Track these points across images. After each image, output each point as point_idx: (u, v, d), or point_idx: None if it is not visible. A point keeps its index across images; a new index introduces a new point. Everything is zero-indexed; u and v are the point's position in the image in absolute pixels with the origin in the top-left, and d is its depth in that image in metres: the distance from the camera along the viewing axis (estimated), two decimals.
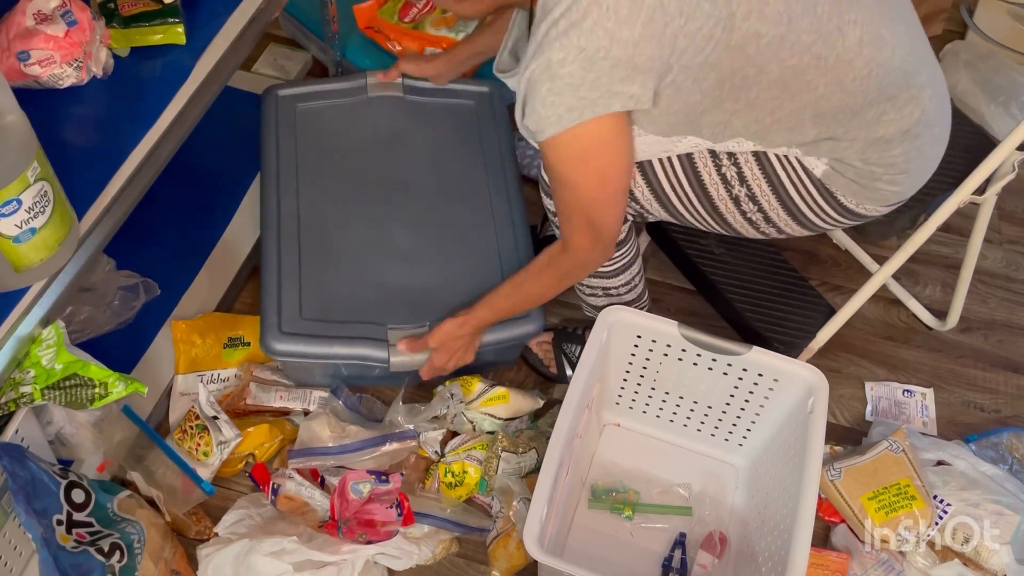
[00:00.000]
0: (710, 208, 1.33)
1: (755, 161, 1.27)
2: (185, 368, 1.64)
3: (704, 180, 1.30)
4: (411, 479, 1.51)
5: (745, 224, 1.35)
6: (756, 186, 1.28)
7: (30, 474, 1.22)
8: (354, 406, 1.61)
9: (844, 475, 1.50)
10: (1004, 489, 1.49)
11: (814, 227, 1.35)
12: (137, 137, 1.32)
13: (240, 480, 1.54)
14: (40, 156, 1.09)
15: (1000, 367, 1.79)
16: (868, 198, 1.28)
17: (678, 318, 1.41)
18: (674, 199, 1.34)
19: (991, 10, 2.34)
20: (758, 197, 1.30)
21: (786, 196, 1.29)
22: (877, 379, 1.75)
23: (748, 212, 1.32)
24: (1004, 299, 1.91)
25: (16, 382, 1.23)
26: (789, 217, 1.32)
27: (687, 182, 1.31)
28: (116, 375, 1.27)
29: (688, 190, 1.32)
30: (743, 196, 1.30)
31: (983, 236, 1.64)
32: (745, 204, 1.31)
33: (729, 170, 1.28)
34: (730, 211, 1.33)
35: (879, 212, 1.32)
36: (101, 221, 1.25)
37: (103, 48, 1.37)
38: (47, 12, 1.32)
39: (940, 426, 1.69)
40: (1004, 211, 2.03)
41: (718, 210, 1.33)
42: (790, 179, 1.27)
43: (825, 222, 1.33)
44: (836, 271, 1.92)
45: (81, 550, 1.23)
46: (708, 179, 1.30)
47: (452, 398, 1.55)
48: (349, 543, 1.37)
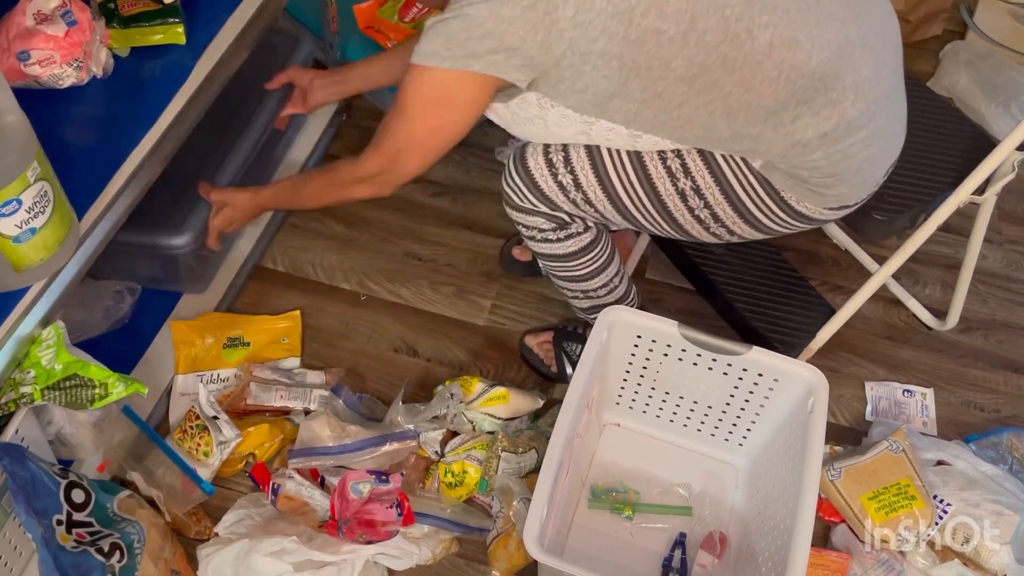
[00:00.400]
0: (657, 203, 1.33)
1: (698, 153, 1.28)
2: (185, 368, 1.64)
3: (651, 172, 1.30)
4: (411, 479, 1.51)
5: (695, 223, 1.35)
6: (701, 179, 1.29)
7: (30, 474, 1.21)
8: (354, 406, 1.61)
9: (844, 475, 1.50)
10: (1004, 489, 1.49)
11: (764, 227, 1.34)
12: (137, 137, 1.33)
13: (240, 480, 1.54)
14: (40, 156, 1.09)
15: (1000, 367, 1.79)
16: (808, 198, 1.28)
17: (678, 318, 1.41)
18: (623, 196, 1.34)
19: (991, 10, 2.34)
20: (703, 191, 1.30)
21: (730, 190, 1.29)
22: (877, 379, 1.75)
23: (696, 209, 1.32)
24: (1004, 299, 1.91)
25: (16, 382, 1.23)
26: (736, 215, 1.32)
27: (635, 176, 1.31)
28: (116, 375, 1.27)
29: (636, 185, 1.32)
30: (688, 190, 1.30)
31: (983, 236, 1.64)
32: (692, 200, 1.31)
33: (674, 162, 1.29)
34: (678, 208, 1.33)
35: (825, 215, 1.32)
36: (101, 221, 1.25)
37: (103, 48, 1.38)
38: (47, 12, 1.32)
39: (940, 426, 1.69)
40: (1004, 211, 2.03)
41: (666, 206, 1.33)
42: (733, 173, 1.28)
43: (774, 222, 1.33)
44: (836, 271, 1.92)
45: (81, 550, 1.23)
46: (654, 171, 1.30)
47: (452, 398, 1.55)
48: (349, 543, 1.37)
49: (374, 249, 1.91)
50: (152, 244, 1.57)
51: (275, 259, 1.88)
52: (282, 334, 1.72)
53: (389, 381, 1.70)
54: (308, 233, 1.93)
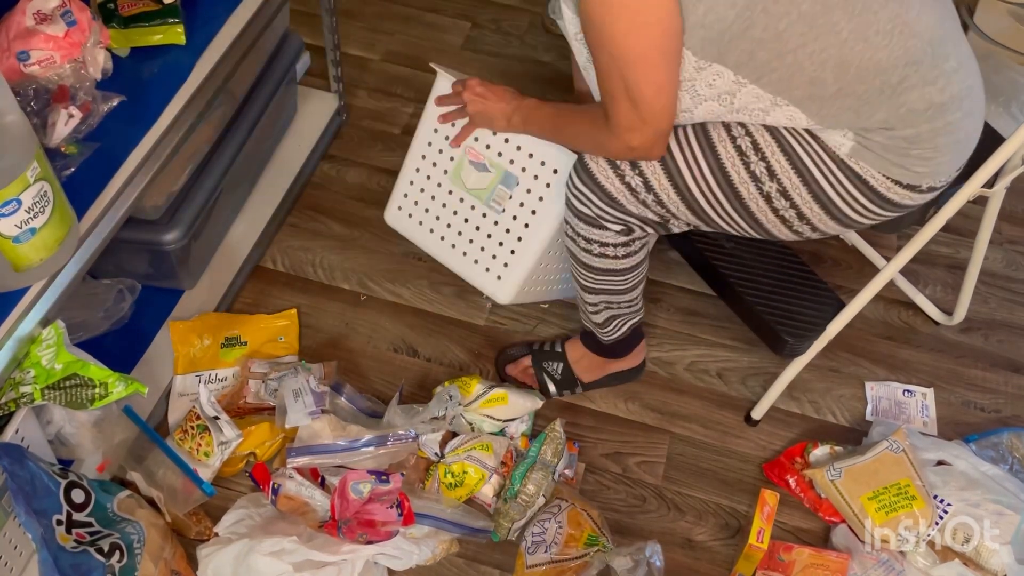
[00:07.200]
0: (731, 194, 1.30)
1: (769, 135, 1.25)
2: (183, 369, 1.64)
3: (720, 155, 1.27)
4: (411, 479, 1.51)
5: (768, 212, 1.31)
6: (776, 163, 1.26)
7: (30, 474, 1.21)
8: (355, 405, 1.61)
9: (844, 475, 1.50)
10: (1004, 489, 1.49)
11: (848, 220, 1.31)
12: (137, 137, 1.33)
13: (240, 480, 1.54)
14: (40, 156, 1.09)
15: (1000, 367, 1.79)
16: (900, 178, 1.25)
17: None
18: (692, 186, 1.30)
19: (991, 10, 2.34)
20: (779, 174, 1.27)
21: (811, 178, 1.26)
22: (877, 379, 1.75)
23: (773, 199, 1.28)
24: (1004, 299, 1.91)
25: (16, 382, 1.23)
26: (813, 200, 1.28)
27: (704, 160, 1.28)
28: (116, 375, 1.27)
29: (706, 171, 1.29)
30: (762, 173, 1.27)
31: (992, 229, 1.64)
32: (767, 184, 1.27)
33: (744, 140, 1.26)
34: (751, 196, 1.29)
35: (912, 200, 1.29)
36: (101, 221, 1.25)
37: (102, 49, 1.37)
38: (47, 12, 1.32)
39: (940, 426, 1.69)
40: (1004, 211, 2.02)
41: (741, 198, 1.29)
42: (813, 161, 1.25)
43: (858, 212, 1.30)
44: (837, 271, 1.91)
45: (81, 550, 1.23)
46: (724, 153, 1.27)
47: (451, 400, 1.55)
48: (349, 543, 1.37)
49: (374, 249, 1.91)
50: (143, 240, 1.57)
51: (275, 259, 1.88)
52: (279, 333, 1.72)
53: (389, 381, 1.70)
54: (308, 233, 1.93)
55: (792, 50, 1.15)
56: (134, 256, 1.64)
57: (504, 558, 1.49)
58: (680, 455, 1.65)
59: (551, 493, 1.49)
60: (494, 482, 1.51)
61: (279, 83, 1.83)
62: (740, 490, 1.60)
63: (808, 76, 1.18)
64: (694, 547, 1.54)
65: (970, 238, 1.76)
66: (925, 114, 1.20)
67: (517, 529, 1.48)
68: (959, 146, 1.27)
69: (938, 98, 1.20)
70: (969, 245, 1.75)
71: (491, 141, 1.53)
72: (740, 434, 1.68)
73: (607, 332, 1.57)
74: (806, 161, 1.25)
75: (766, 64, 1.17)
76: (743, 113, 1.24)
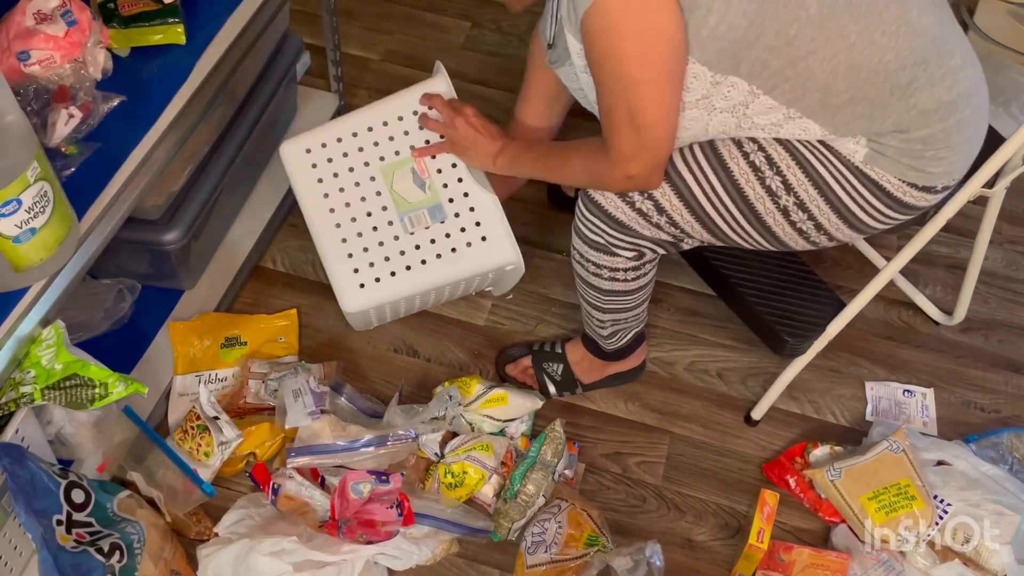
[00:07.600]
0: (747, 211, 1.29)
1: (783, 148, 1.25)
2: (183, 369, 1.64)
3: (733, 172, 1.27)
4: (411, 479, 1.51)
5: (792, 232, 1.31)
6: (792, 176, 1.26)
7: (30, 474, 1.21)
8: (355, 405, 1.61)
9: (844, 475, 1.50)
10: (1004, 489, 1.49)
11: (865, 227, 1.31)
12: (137, 137, 1.33)
13: (240, 480, 1.54)
14: (40, 156, 1.09)
15: (1000, 367, 1.79)
16: (916, 180, 1.25)
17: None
18: (706, 204, 1.29)
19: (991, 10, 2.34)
20: (795, 187, 1.26)
21: (828, 189, 1.26)
22: (877, 379, 1.75)
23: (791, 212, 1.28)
24: (1004, 299, 1.91)
25: (16, 382, 1.23)
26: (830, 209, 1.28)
27: (716, 178, 1.28)
28: (116, 375, 1.27)
29: (719, 189, 1.28)
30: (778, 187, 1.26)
31: (992, 229, 1.64)
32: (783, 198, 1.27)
33: (757, 156, 1.25)
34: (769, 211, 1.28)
35: (927, 201, 1.29)
36: (101, 221, 1.25)
37: (102, 48, 1.37)
38: (47, 12, 1.32)
39: (940, 426, 1.69)
40: (1004, 211, 2.01)
41: (753, 208, 1.29)
42: (828, 171, 1.25)
43: (875, 218, 1.29)
44: (837, 271, 1.91)
45: (81, 550, 1.23)
46: (737, 169, 1.26)
47: (451, 400, 1.54)
48: (349, 543, 1.37)
49: None
50: (143, 240, 1.57)
51: (275, 259, 1.88)
52: (279, 333, 1.72)
53: (389, 381, 1.70)
54: (308, 233, 1.92)
55: (804, 56, 1.15)
56: (134, 256, 1.64)
57: (504, 558, 1.49)
58: (680, 455, 1.65)
59: (551, 493, 1.49)
60: (494, 482, 1.51)
61: (279, 83, 1.83)
62: (740, 490, 1.60)
63: (820, 83, 1.18)
64: (694, 547, 1.54)
65: (970, 238, 1.75)
66: (936, 114, 1.20)
67: (517, 529, 1.48)
68: (970, 143, 1.27)
69: (947, 97, 1.20)
70: (969, 245, 1.75)
71: (444, 167, 1.51)
72: (740, 434, 1.68)
73: (612, 342, 1.57)
74: (822, 172, 1.25)
75: (779, 73, 1.17)
76: (755, 129, 1.24)
